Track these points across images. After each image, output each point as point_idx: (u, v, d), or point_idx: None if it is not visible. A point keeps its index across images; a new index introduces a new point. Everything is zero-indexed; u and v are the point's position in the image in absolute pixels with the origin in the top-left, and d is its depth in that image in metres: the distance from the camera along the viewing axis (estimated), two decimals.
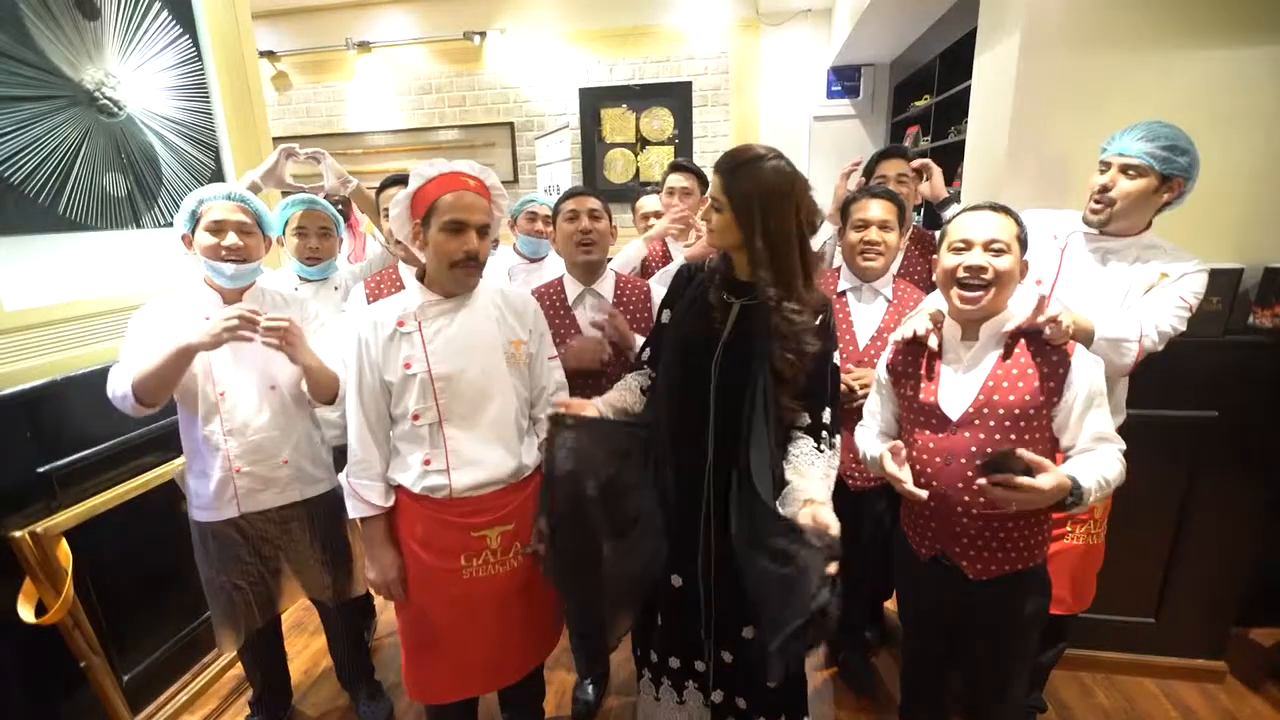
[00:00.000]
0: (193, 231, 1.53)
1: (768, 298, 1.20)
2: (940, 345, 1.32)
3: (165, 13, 2.13)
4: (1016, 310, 1.27)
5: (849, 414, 1.69)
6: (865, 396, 1.62)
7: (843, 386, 1.62)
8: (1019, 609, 1.31)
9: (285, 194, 2.06)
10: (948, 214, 1.89)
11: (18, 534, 1.57)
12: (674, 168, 2.42)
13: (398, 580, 1.42)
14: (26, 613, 1.56)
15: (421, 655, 1.46)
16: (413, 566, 1.43)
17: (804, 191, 1.20)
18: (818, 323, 1.22)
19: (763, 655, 1.14)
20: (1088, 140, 1.83)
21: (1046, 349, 1.23)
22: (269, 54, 4.66)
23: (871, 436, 1.43)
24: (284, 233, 1.95)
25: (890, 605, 2.30)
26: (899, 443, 1.31)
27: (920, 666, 1.53)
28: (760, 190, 1.17)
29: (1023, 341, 1.25)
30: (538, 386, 1.50)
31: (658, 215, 2.65)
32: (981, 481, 1.15)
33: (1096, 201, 1.48)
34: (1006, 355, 1.25)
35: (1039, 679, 1.86)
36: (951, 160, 3.59)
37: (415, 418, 1.35)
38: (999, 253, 1.21)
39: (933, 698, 1.50)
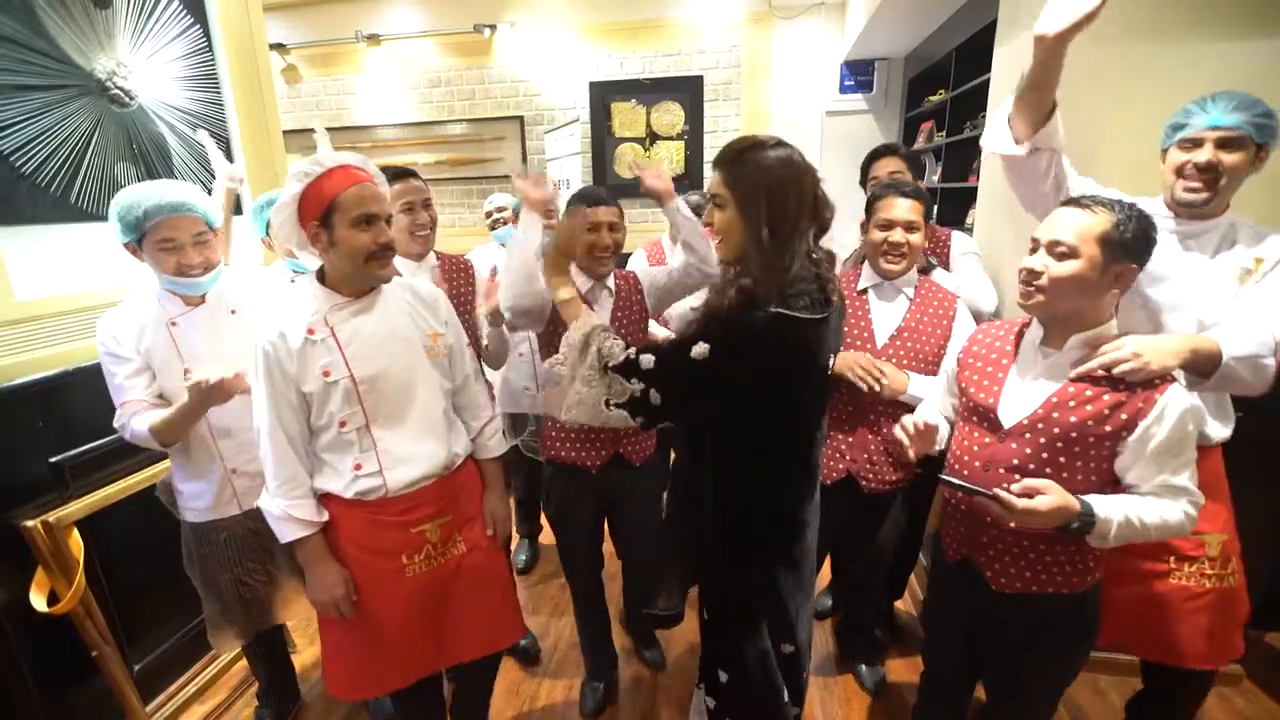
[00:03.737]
0: (138, 243, 1.45)
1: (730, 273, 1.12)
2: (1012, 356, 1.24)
3: (176, 2, 2.12)
4: (1116, 329, 1.15)
5: (853, 412, 1.68)
6: (878, 387, 1.58)
7: (858, 379, 1.59)
8: (1044, 634, 1.24)
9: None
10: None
11: (30, 524, 1.57)
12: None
13: (346, 596, 1.33)
14: (39, 602, 1.57)
15: (355, 654, 1.40)
16: (354, 573, 1.36)
17: (815, 183, 1.11)
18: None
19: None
20: (1110, 134, 1.81)
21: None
22: (278, 46, 4.63)
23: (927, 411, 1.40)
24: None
25: (900, 605, 2.29)
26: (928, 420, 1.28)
27: (937, 672, 1.50)
28: (767, 180, 1.07)
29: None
30: (460, 375, 1.49)
31: None
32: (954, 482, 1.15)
33: (1196, 180, 1.34)
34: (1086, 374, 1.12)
35: None
36: (966, 156, 3.56)
37: (342, 424, 1.30)
38: (1063, 256, 1.08)
39: (949, 707, 1.48)
